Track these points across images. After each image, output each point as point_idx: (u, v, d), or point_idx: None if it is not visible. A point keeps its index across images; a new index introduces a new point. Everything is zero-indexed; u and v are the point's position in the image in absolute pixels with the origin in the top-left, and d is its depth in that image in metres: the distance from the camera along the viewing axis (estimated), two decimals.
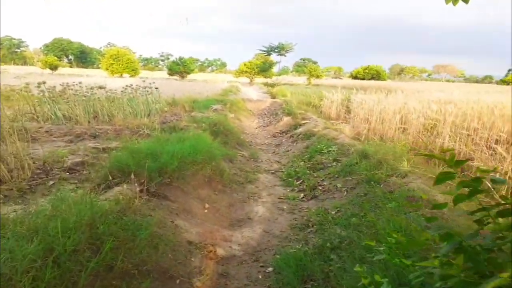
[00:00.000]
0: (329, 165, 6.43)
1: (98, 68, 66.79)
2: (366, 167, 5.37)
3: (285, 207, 5.22)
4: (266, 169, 7.31)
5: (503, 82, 61.54)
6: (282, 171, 7.15)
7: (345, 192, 5.16)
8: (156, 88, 11.42)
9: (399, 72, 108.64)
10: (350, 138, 7.90)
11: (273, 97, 22.96)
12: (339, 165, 6.23)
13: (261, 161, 8.02)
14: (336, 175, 5.91)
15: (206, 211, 4.70)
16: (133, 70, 58.26)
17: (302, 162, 7.39)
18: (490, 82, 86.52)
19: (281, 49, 23.09)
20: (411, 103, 8.26)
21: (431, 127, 7.01)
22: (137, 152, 4.82)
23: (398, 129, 7.71)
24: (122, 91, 10.76)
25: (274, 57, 46.88)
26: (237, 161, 7.29)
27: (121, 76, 57.43)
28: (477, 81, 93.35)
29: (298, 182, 6.23)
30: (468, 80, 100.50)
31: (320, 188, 5.72)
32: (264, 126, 13.42)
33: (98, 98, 10.44)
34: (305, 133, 9.40)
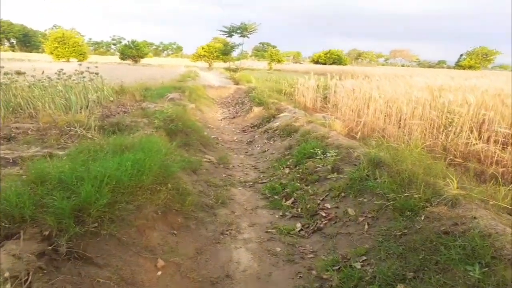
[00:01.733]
0: (328, 176, 4.79)
1: (44, 52, 61.03)
2: (389, 185, 3.78)
3: (278, 249, 3.54)
4: (242, 180, 5.58)
5: (460, 66, 62.86)
6: (262, 183, 5.46)
7: (366, 225, 3.55)
8: (97, 74, 9.22)
9: (357, 57, 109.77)
10: (343, 136, 6.33)
11: (237, 83, 21.11)
12: (343, 177, 4.61)
13: (233, 167, 6.28)
14: (343, 194, 4.29)
15: (159, 273, 2.91)
16: (80, 54, 53.89)
17: (287, 169, 5.72)
18: (442, 67, 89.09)
19: (243, 30, 21.05)
20: (414, 92, 6.81)
21: (449, 122, 5.59)
22: (42, 179, 2.93)
23: (405, 125, 6.22)
24: (50, 78, 8.48)
25: (235, 39, 44.79)
26: (203, 171, 5.50)
27: (68, 60, 52.83)
28: (429, 66, 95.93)
29: (289, 202, 4.57)
30: (421, 65, 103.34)
31: (323, 214, 4.08)
32: (230, 118, 11.62)
33: (21, 87, 8.16)
34: (283, 129, 7.73)
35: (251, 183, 5.44)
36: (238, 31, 21.52)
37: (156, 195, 3.59)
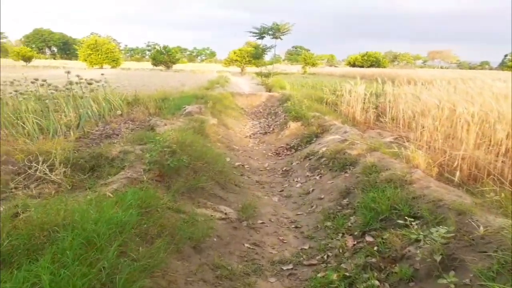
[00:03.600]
0: (438, 278, 2.56)
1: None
2: None
3: None
4: (275, 259, 3.41)
5: (509, 67, 57.27)
6: (310, 265, 3.29)
7: None
8: (98, 82, 7.38)
9: (393, 59, 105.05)
10: (434, 179, 4.04)
11: (269, 89, 18.98)
12: (471, 286, 2.37)
13: (263, 224, 4.14)
14: None
15: None
16: (113, 60, 53.75)
17: (350, 238, 3.52)
18: (484, 68, 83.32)
19: (276, 31, 18.92)
20: None
21: None
22: None
23: None
24: (15, 93, 6.62)
25: (267, 41, 42.74)
26: (212, 242, 3.40)
27: (101, 67, 52.81)
28: (470, 68, 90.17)
29: None
30: (461, 66, 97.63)
31: None
32: (261, 134, 9.52)
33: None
34: (333, 157, 5.52)
35: (290, 267, 3.27)
36: (270, 32, 19.37)
37: None
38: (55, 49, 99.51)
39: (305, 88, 18.64)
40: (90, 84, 7.28)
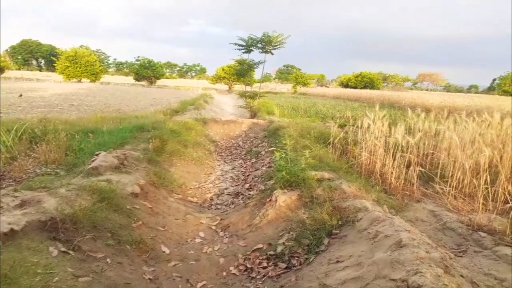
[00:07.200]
0: None
1: None
2: None
3: None
4: None
5: (505, 92, 53.44)
6: None
7: None
8: None
9: (382, 80, 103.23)
10: None
11: (254, 114, 15.35)
12: None
13: None
14: None
15: None
16: (93, 74, 49.68)
17: None
18: (469, 92, 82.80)
19: (266, 44, 15.32)
20: None
21: None
22: None
23: None
24: None
25: (256, 55, 39.25)
26: None
27: (79, 81, 48.82)
28: (457, 91, 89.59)
29: None
30: (448, 89, 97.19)
31: None
32: (230, 196, 5.77)
33: None
34: None
35: None
36: (259, 45, 15.84)
37: None
38: (42, 61, 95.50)
39: (298, 115, 15.06)
40: None
